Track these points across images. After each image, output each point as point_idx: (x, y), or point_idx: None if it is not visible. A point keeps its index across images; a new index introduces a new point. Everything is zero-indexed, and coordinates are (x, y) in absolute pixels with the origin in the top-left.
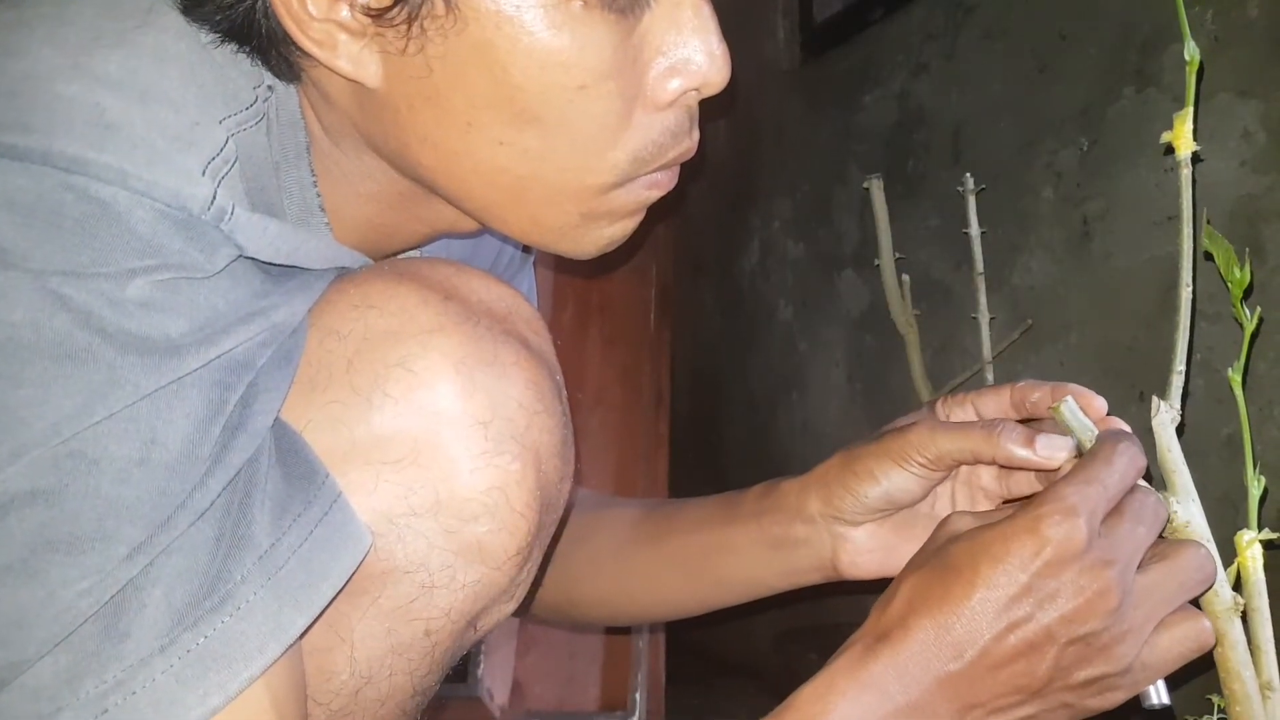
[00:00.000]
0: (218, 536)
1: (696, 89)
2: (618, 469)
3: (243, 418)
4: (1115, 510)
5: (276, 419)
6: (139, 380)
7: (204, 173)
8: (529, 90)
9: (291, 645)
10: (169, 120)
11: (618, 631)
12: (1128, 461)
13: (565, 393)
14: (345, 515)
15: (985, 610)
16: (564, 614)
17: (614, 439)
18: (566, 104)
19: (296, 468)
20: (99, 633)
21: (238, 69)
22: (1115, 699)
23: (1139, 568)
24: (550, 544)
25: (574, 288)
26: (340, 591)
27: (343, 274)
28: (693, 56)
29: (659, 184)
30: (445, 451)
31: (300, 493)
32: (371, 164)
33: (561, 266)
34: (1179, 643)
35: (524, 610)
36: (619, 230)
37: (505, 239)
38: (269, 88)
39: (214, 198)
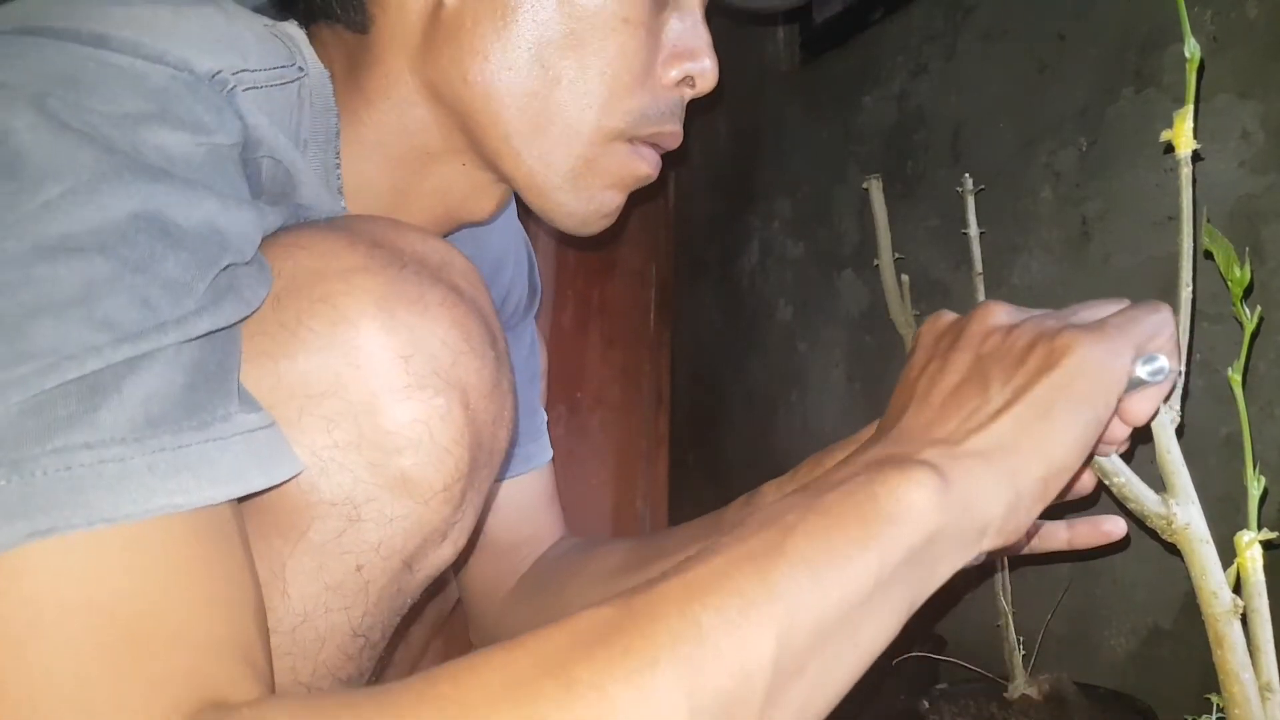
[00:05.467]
0: (192, 381)
1: (692, 80)
2: (618, 469)
3: (233, 284)
4: None
5: None
6: (131, 179)
7: (216, 74)
8: (585, 8)
9: (250, 498)
10: (198, 27)
11: None
12: None
13: (502, 342)
14: (279, 436)
15: (918, 367)
16: None
17: (614, 439)
18: (610, 32)
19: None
20: (75, 400)
21: (271, 46)
22: (1078, 337)
23: None
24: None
25: (574, 288)
26: (282, 484)
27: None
28: (696, 49)
29: (647, 159)
30: (366, 385)
31: (248, 401)
32: (411, 117)
33: (562, 266)
34: (1134, 307)
35: None
36: (608, 200)
37: (511, 285)
38: (299, 69)
39: (219, 72)
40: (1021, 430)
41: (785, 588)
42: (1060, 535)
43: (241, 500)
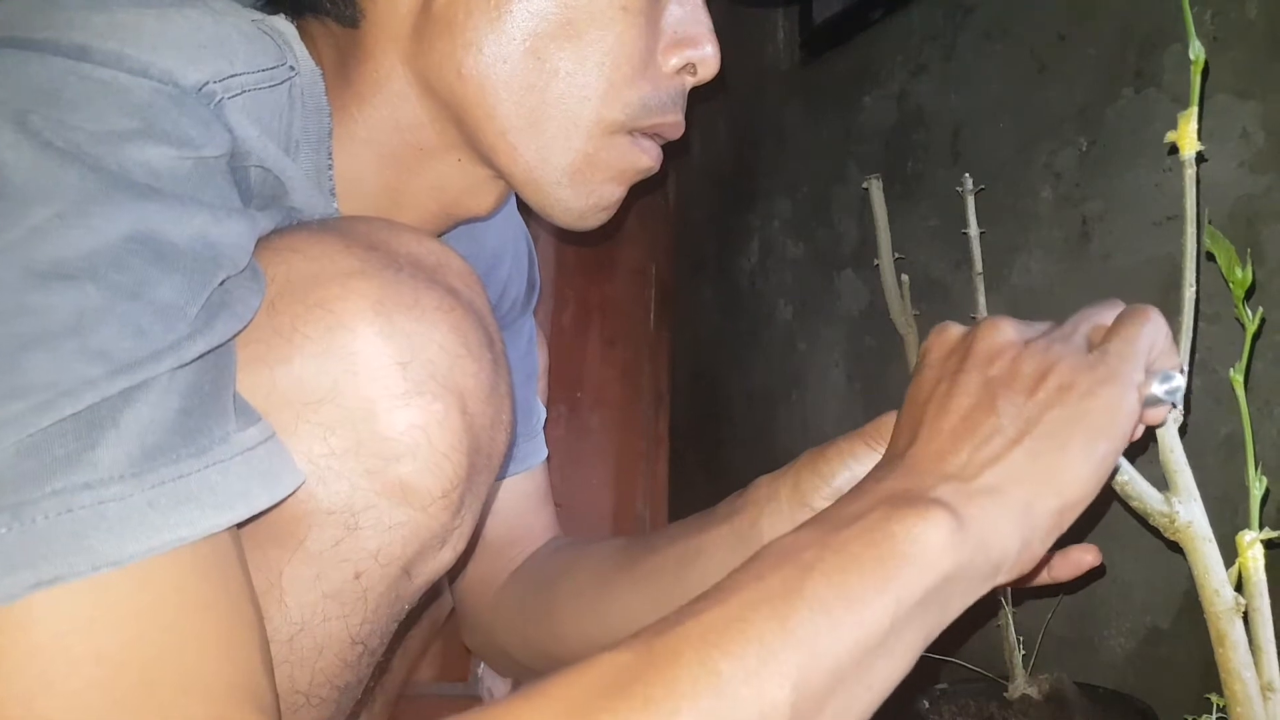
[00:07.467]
0: (187, 406)
1: (694, 67)
2: (618, 469)
3: (225, 300)
4: None
5: None
6: (120, 199)
7: (203, 86)
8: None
9: (253, 516)
10: (183, 33)
11: None
12: None
13: (500, 344)
14: (279, 448)
15: (924, 390)
16: (551, 655)
17: (614, 439)
18: (607, 21)
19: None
20: (73, 438)
21: (261, 45)
22: (1100, 375)
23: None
24: (487, 504)
25: (574, 288)
26: (280, 503)
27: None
28: (697, 37)
29: (648, 151)
30: (363, 391)
31: (246, 413)
32: (404, 112)
33: (562, 265)
34: (1128, 323)
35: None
36: (608, 194)
37: (508, 281)
38: (290, 68)
39: (205, 83)
40: (1035, 464)
41: (804, 635)
42: (1039, 572)
43: None
